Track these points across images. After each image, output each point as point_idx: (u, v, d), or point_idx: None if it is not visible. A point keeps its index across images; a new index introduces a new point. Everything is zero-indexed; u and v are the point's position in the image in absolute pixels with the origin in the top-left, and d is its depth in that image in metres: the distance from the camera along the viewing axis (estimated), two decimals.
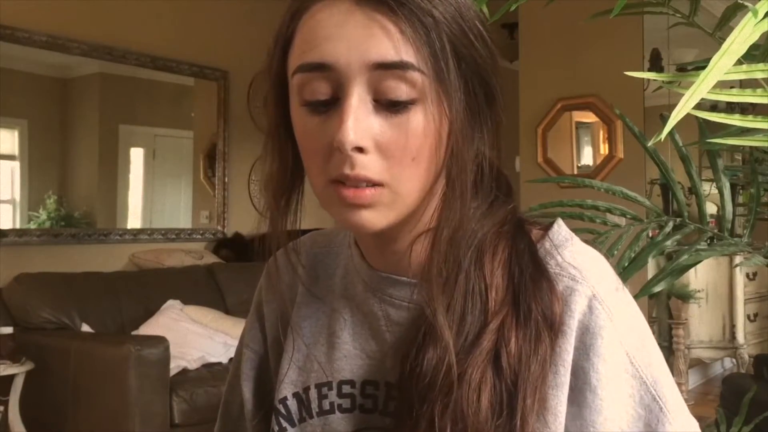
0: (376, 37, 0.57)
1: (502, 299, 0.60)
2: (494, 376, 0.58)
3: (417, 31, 0.57)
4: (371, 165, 0.58)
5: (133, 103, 4.39)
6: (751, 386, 1.87)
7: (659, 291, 1.08)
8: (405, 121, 0.58)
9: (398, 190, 0.59)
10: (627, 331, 0.61)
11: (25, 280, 3.47)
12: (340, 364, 0.70)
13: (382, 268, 0.68)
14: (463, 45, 0.59)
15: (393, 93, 0.57)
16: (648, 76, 0.80)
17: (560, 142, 4.57)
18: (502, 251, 0.63)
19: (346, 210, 0.60)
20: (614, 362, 0.59)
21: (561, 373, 0.59)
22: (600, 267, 0.64)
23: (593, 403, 0.59)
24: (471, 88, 0.61)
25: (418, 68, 0.57)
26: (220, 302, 4.05)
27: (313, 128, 0.60)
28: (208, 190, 4.70)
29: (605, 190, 1.24)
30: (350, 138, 0.56)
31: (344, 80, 0.58)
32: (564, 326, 0.60)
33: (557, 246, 0.64)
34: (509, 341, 0.59)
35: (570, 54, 4.41)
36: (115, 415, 2.98)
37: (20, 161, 3.84)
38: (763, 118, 0.71)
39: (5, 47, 3.64)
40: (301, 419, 0.70)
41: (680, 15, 1.16)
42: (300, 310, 0.74)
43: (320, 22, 0.58)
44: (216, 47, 4.64)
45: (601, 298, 0.61)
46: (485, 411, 0.57)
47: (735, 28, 0.58)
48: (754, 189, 1.17)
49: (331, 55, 0.57)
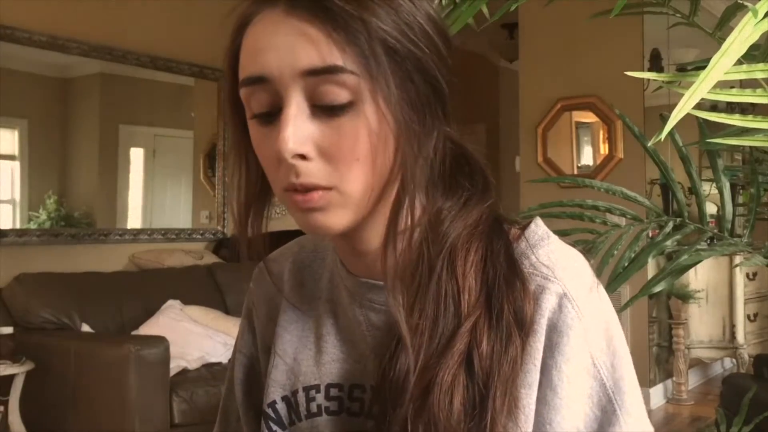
0: (303, 45, 0.57)
1: (475, 302, 0.60)
2: (467, 378, 0.58)
3: (344, 33, 0.57)
4: (316, 171, 0.58)
5: (133, 103, 4.39)
6: (751, 386, 1.87)
7: (659, 291, 1.08)
8: (344, 123, 0.58)
9: (347, 191, 0.59)
10: (594, 331, 0.61)
11: (25, 280, 3.47)
12: (328, 368, 0.70)
13: (360, 273, 0.67)
14: (399, 42, 0.59)
15: (328, 97, 0.57)
16: (648, 76, 0.80)
17: (560, 142, 4.57)
18: (476, 252, 0.62)
19: (302, 215, 0.60)
20: (577, 362, 0.59)
21: (532, 371, 0.59)
22: (574, 266, 0.63)
23: (552, 402, 0.59)
24: (413, 84, 0.60)
25: (348, 70, 0.57)
26: (220, 302, 4.05)
27: (263, 139, 0.60)
28: (208, 190, 4.70)
29: (605, 190, 1.24)
30: (289, 146, 0.57)
31: (281, 90, 0.58)
32: (535, 325, 0.60)
33: (532, 245, 0.64)
34: (481, 342, 0.58)
35: (570, 54, 4.41)
36: (115, 415, 2.98)
37: (20, 161, 3.84)
38: (763, 118, 0.71)
39: (5, 47, 3.64)
40: (291, 422, 0.71)
41: (680, 15, 1.16)
42: (287, 315, 0.74)
43: (256, 35, 0.60)
44: (216, 47, 4.60)
45: (571, 297, 0.60)
46: (457, 413, 0.57)
47: (735, 28, 0.58)
48: (754, 189, 1.17)
49: (265, 67, 0.58)
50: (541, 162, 4.59)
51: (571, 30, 4.23)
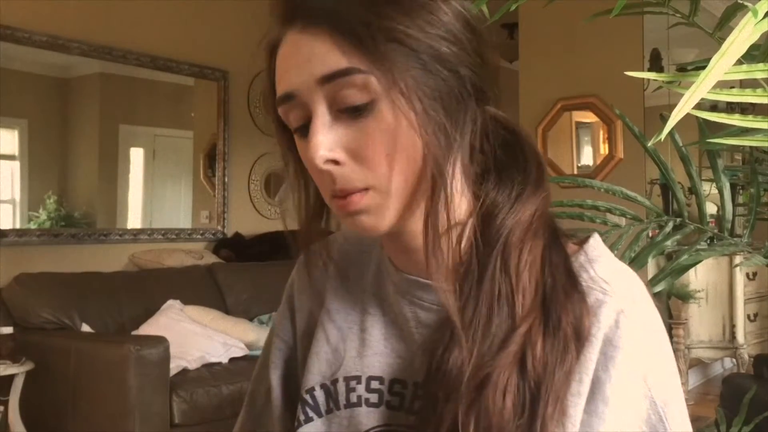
0: (316, 55, 0.60)
1: (530, 304, 0.61)
2: (519, 378, 0.59)
3: (353, 38, 0.59)
4: (350, 174, 0.61)
5: (133, 103, 4.39)
6: (751, 386, 1.87)
7: (659, 291, 1.08)
8: (367, 123, 0.60)
9: (383, 189, 0.61)
10: (648, 350, 0.62)
11: (25, 280, 3.47)
12: (371, 361, 0.71)
13: (409, 270, 0.69)
14: (412, 38, 0.60)
15: (347, 100, 0.60)
16: (648, 76, 0.80)
17: (560, 142, 4.57)
18: (530, 252, 0.63)
19: (349, 219, 0.63)
20: (630, 378, 0.61)
21: (584, 381, 0.60)
22: (632, 285, 0.64)
23: (603, 414, 0.60)
24: (433, 75, 0.61)
25: (361, 70, 0.59)
26: (220, 302, 4.05)
27: (304, 151, 0.63)
28: (208, 190, 4.70)
29: (605, 190, 1.24)
30: (319, 154, 0.60)
31: (307, 103, 0.61)
32: (591, 337, 0.61)
33: (591, 260, 0.65)
34: (535, 347, 0.60)
35: (570, 54, 4.41)
36: (115, 415, 2.98)
37: (20, 161, 3.84)
38: (763, 118, 0.71)
39: (5, 47, 3.64)
40: (329, 410, 0.72)
41: (680, 15, 1.16)
42: (332, 304, 0.75)
43: (282, 57, 0.63)
44: (216, 47, 4.64)
45: (628, 314, 0.61)
46: (509, 412, 0.58)
47: (735, 28, 0.58)
48: (754, 189, 1.17)
49: (290, 84, 0.62)
50: None
51: (571, 30, 4.23)
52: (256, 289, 4.22)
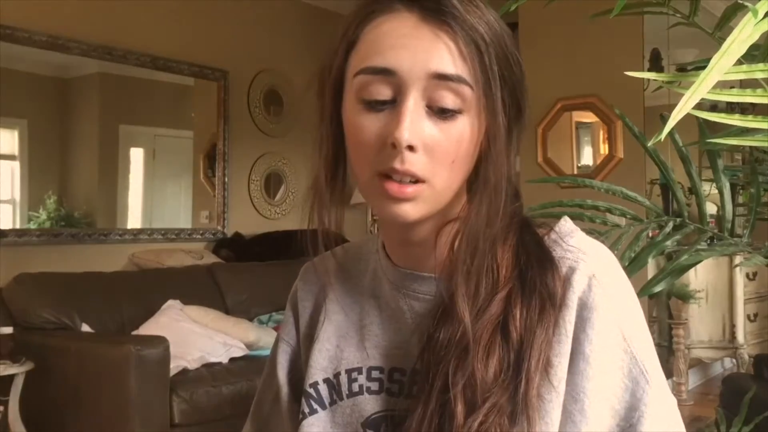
0: (438, 50, 0.65)
1: (509, 275, 0.68)
2: (502, 339, 0.65)
3: (472, 50, 0.65)
4: (418, 163, 0.65)
5: (133, 103, 4.39)
6: (751, 386, 1.87)
7: (659, 291, 1.08)
8: (451, 127, 0.66)
9: (437, 188, 0.67)
10: (622, 309, 0.67)
11: (25, 280, 3.47)
12: (371, 353, 0.77)
13: (406, 264, 0.75)
14: (504, 67, 0.68)
15: (444, 101, 0.65)
16: (648, 76, 0.80)
17: (560, 142, 4.57)
18: (511, 239, 0.71)
19: (389, 202, 0.67)
20: (607, 336, 0.66)
21: (564, 342, 0.66)
22: (602, 252, 0.71)
23: (585, 371, 0.65)
24: (508, 105, 0.69)
25: (468, 83, 0.65)
26: (220, 302, 4.05)
27: (368, 124, 0.67)
28: (208, 190, 4.70)
29: (605, 190, 1.25)
30: (406, 136, 0.64)
31: (404, 85, 0.65)
32: (566, 300, 0.67)
33: (562, 236, 0.71)
34: (515, 309, 0.66)
35: (570, 54, 4.41)
36: (115, 415, 2.98)
37: (20, 161, 3.84)
38: (763, 118, 0.71)
39: (5, 47, 3.64)
40: (332, 402, 0.77)
41: (680, 15, 1.16)
42: (331, 306, 0.81)
43: (387, 32, 0.66)
44: (216, 47, 4.64)
45: (600, 278, 0.67)
46: (493, 370, 0.64)
47: (735, 28, 0.58)
48: (754, 189, 1.17)
49: (396, 61, 0.65)
50: (541, 162, 4.58)
51: (571, 30, 4.23)
52: (256, 289, 4.22)
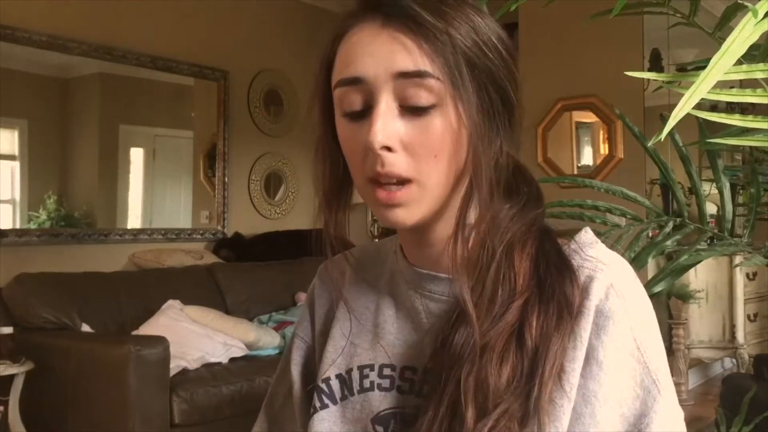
0: (398, 51, 0.67)
1: (527, 283, 0.68)
2: (517, 347, 0.66)
3: (433, 45, 0.66)
4: (399, 162, 0.67)
5: (133, 103, 4.39)
6: (751, 386, 1.87)
7: (659, 291, 1.09)
8: (426, 123, 0.67)
9: (424, 184, 0.68)
10: (637, 319, 0.68)
11: (25, 280, 3.47)
12: (384, 351, 0.77)
13: (422, 266, 0.76)
14: (477, 56, 0.68)
15: (415, 99, 0.67)
16: (648, 76, 0.80)
17: (560, 142, 4.58)
18: (530, 246, 0.71)
19: (382, 209, 0.69)
20: (622, 344, 0.66)
21: (579, 348, 0.66)
22: (621, 263, 0.71)
23: (598, 376, 0.66)
24: (486, 94, 0.69)
25: (434, 76, 0.66)
26: (220, 302, 4.05)
27: (351, 134, 0.69)
28: (208, 190, 4.70)
29: (605, 190, 1.25)
30: (378, 138, 0.66)
31: (374, 90, 0.67)
32: (583, 308, 0.67)
33: (582, 245, 0.72)
34: (532, 317, 0.66)
35: (570, 54, 4.41)
36: (115, 415, 2.97)
37: (20, 161, 3.83)
38: (763, 118, 0.71)
39: (5, 47, 3.64)
40: (343, 397, 0.78)
41: (680, 15, 1.16)
42: (348, 304, 0.82)
43: (354, 43, 0.69)
44: (216, 47, 4.64)
45: (617, 288, 0.68)
46: (506, 377, 0.64)
47: (735, 28, 0.58)
48: (754, 189, 1.17)
49: (363, 69, 0.68)
50: (541, 162, 4.59)
51: (571, 30, 4.23)
52: (256, 289, 4.22)
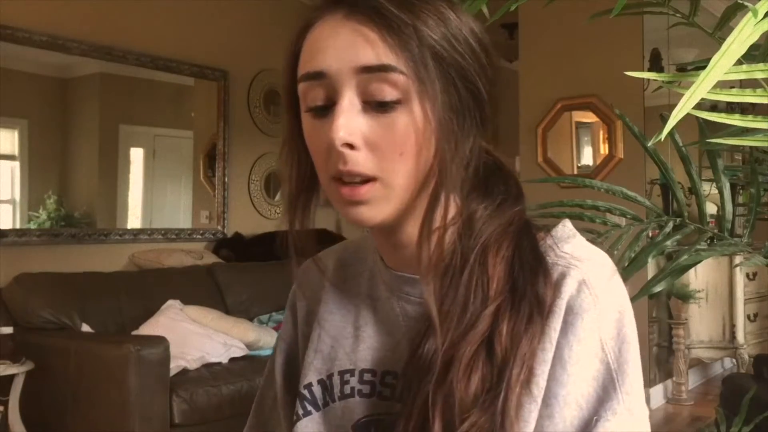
0: (361, 45, 0.63)
1: (501, 288, 0.65)
2: (486, 356, 0.62)
3: (397, 38, 0.63)
4: (362, 160, 0.64)
5: (133, 103, 4.39)
6: (751, 386, 1.87)
7: (659, 291, 1.08)
8: (391, 119, 0.64)
9: (389, 183, 0.65)
10: (607, 317, 0.65)
11: (25, 280, 3.47)
12: (364, 355, 0.75)
13: (397, 267, 0.73)
14: (445, 50, 0.65)
15: (379, 94, 0.63)
16: (648, 76, 0.80)
17: (560, 142, 4.57)
18: (507, 249, 0.67)
19: (346, 206, 0.66)
20: (587, 344, 0.63)
21: (548, 349, 0.63)
22: (598, 258, 0.68)
23: (560, 377, 0.63)
24: (455, 89, 0.66)
25: (398, 70, 0.63)
26: (220, 302, 4.05)
27: (315, 131, 0.66)
28: (208, 190, 4.70)
29: (605, 190, 1.24)
30: (340, 135, 0.63)
31: (337, 85, 0.64)
32: (554, 306, 0.64)
33: (558, 241, 0.69)
34: (503, 324, 0.63)
35: (570, 54, 4.41)
36: (115, 415, 2.98)
37: (20, 161, 3.84)
38: (763, 118, 0.71)
39: (5, 47, 3.64)
40: (325, 404, 0.76)
41: (680, 15, 1.16)
42: (327, 306, 0.80)
43: (317, 37, 0.66)
44: (216, 47, 4.64)
45: (590, 284, 0.65)
46: (475, 389, 0.61)
47: (735, 28, 0.58)
48: (754, 189, 1.17)
49: (324, 63, 0.64)
50: (541, 162, 4.58)
51: (571, 30, 4.23)
52: (256, 289, 4.22)
